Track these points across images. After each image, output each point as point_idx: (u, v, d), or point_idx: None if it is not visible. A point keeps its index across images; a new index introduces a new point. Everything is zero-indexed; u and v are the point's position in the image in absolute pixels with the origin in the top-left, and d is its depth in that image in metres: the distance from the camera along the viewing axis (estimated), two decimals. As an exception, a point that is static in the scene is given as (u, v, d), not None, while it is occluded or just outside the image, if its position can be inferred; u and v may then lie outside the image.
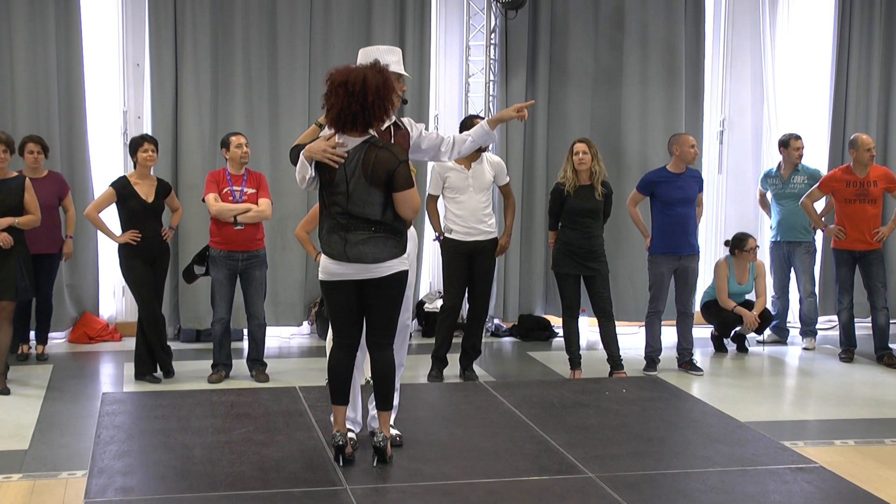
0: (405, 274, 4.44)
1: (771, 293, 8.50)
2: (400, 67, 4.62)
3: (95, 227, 7.11)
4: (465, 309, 7.37)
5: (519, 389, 5.97)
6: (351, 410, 4.65)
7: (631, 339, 8.26)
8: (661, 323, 7.47)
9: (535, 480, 4.36)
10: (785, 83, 9.18)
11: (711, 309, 8.21)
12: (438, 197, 7.05)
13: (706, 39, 9.07)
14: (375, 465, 4.43)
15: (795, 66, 9.22)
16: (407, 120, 4.74)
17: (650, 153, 8.74)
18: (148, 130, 7.99)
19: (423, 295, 8.84)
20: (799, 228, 8.29)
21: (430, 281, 9.01)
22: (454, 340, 7.15)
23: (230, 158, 6.87)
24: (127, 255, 6.88)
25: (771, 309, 8.39)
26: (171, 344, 7.37)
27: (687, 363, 7.48)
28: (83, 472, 4.76)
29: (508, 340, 8.76)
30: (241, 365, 7.12)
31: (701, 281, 7.92)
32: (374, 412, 4.64)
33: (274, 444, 4.72)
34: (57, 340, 8.16)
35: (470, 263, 6.95)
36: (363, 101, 4.20)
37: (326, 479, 4.29)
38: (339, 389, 4.47)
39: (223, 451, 4.61)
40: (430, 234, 7.71)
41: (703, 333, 8.18)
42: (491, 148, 7.63)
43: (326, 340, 5.88)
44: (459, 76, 8.96)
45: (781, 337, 8.60)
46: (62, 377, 7.12)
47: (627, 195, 7.65)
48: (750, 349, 8.30)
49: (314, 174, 4.33)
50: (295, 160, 4.40)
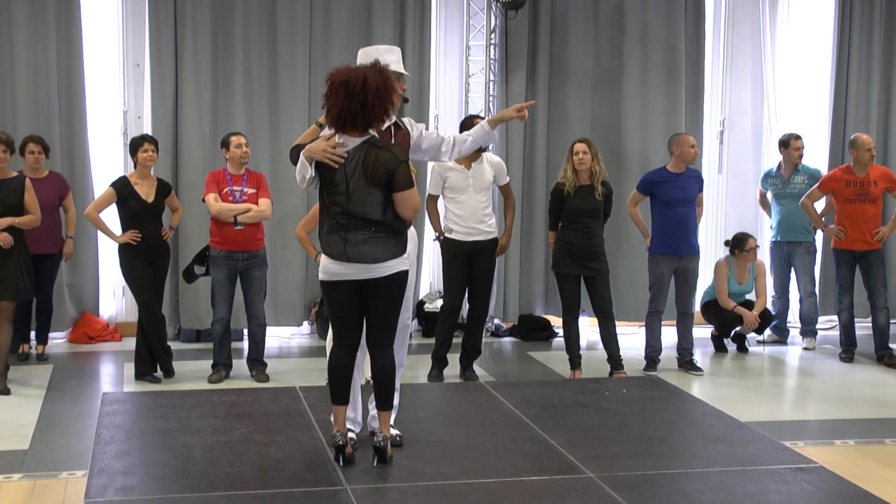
0: (405, 274, 4.44)
1: (771, 293, 8.50)
2: (400, 66, 4.62)
3: (95, 227, 7.11)
4: (465, 309, 7.37)
5: (519, 389, 5.96)
6: (351, 410, 4.65)
7: (631, 339, 8.25)
8: (661, 323, 7.47)
9: (535, 480, 4.36)
10: (785, 83, 9.18)
11: (711, 309, 8.21)
12: (438, 197, 7.05)
13: (706, 39, 9.07)
14: (375, 465, 4.43)
15: (795, 66, 9.21)
16: (407, 120, 4.74)
17: (650, 153, 8.74)
18: (148, 130, 8.00)
19: (423, 295, 8.83)
20: (799, 228, 8.29)
21: (430, 281, 9.01)
22: (454, 340, 7.15)
23: (230, 158, 6.87)
24: (127, 255, 6.88)
25: (771, 309, 8.39)
26: (171, 344, 7.37)
27: (687, 363, 7.48)
28: (83, 471, 4.76)
29: (508, 340, 8.75)
30: (241, 365, 7.12)
31: (701, 281, 7.92)
32: (374, 412, 4.64)
33: (274, 444, 4.72)
34: (57, 340, 8.16)
35: (470, 263, 6.95)
36: (363, 101, 4.20)
37: (326, 479, 4.29)
38: (339, 389, 4.47)
39: (223, 450, 4.61)
40: (430, 234, 7.71)
41: (703, 333, 8.18)
42: (491, 148, 7.62)
43: (326, 340, 5.88)
44: (459, 76, 8.96)
45: (781, 337, 8.60)
46: (62, 377, 7.12)
47: (627, 195, 7.65)
48: (750, 349, 8.30)
49: (314, 174, 4.33)
50: (295, 160, 4.40)
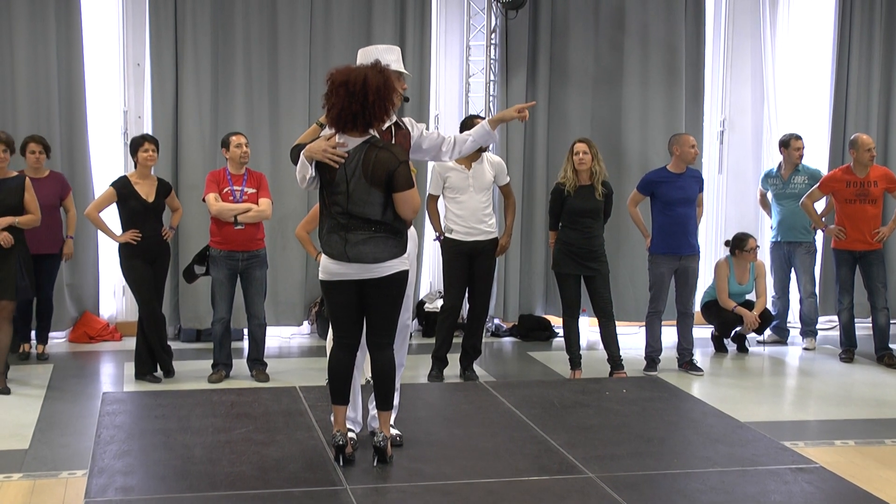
0: (405, 274, 4.44)
1: (771, 293, 8.50)
2: (400, 66, 4.62)
3: (96, 226, 7.11)
4: (465, 309, 7.37)
5: (519, 389, 5.96)
6: (351, 410, 4.64)
7: (631, 339, 8.25)
8: (661, 323, 7.47)
9: (535, 480, 4.36)
10: (785, 83, 9.17)
11: (712, 309, 8.21)
12: (439, 197, 7.05)
13: (706, 39, 9.07)
14: (375, 464, 4.43)
15: (796, 66, 9.21)
16: (408, 120, 4.74)
17: (650, 153, 8.74)
18: (148, 130, 8.00)
19: (423, 295, 8.83)
20: (799, 228, 8.29)
21: (430, 281, 9.00)
22: (454, 340, 7.15)
23: (230, 158, 6.87)
24: (127, 254, 6.88)
25: (771, 309, 8.39)
26: (171, 343, 7.37)
27: (687, 363, 7.48)
28: (83, 471, 4.76)
29: (509, 340, 8.75)
30: (241, 365, 7.12)
31: (701, 281, 7.91)
32: (374, 412, 4.64)
33: (274, 443, 4.72)
34: (57, 340, 8.16)
35: (470, 263, 6.94)
36: (364, 101, 4.19)
37: (326, 478, 4.29)
38: (339, 389, 4.47)
39: (223, 450, 4.61)
40: (430, 234, 7.71)
41: (703, 333, 8.17)
42: (491, 148, 7.62)
43: (327, 340, 5.88)
44: (460, 76, 8.96)
45: (782, 337, 8.60)
46: (62, 377, 7.12)
47: (628, 195, 7.65)
48: (750, 349, 8.30)
49: (314, 174, 4.33)
50: (295, 160, 4.40)
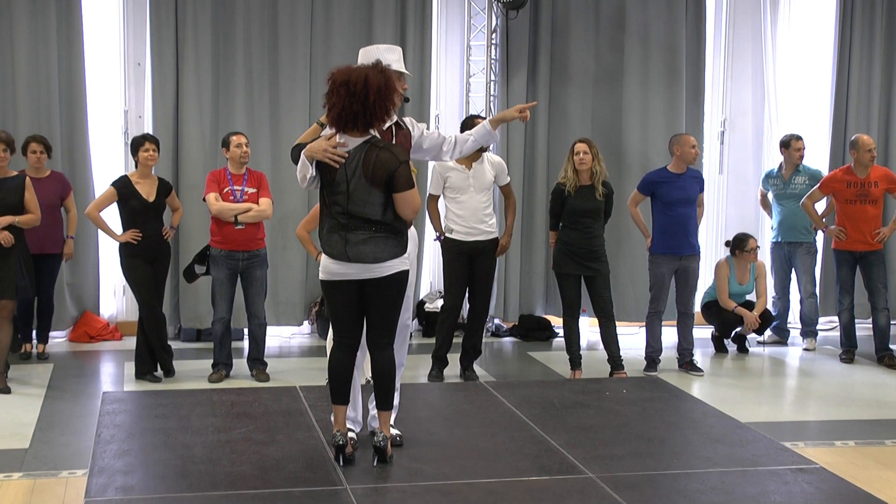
0: (406, 274, 4.44)
1: (771, 294, 8.50)
2: (401, 66, 4.62)
3: (96, 226, 7.12)
4: (465, 309, 7.37)
5: (519, 389, 5.96)
6: (351, 410, 4.64)
7: (631, 339, 8.26)
8: (661, 323, 7.47)
9: (535, 480, 4.36)
10: (786, 83, 9.17)
11: (712, 309, 8.21)
12: (439, 197, 7.05)
13: (707, 39, 9.07)
14: (375, 464, 4.43)
15: (796, 66, 9.21)
16: (408, 120, 4.74)
17: (651, 153, 8.74)
18: (149, 130, 8.00)
19: (423, 295, 8.83)
20: (800, 229, 8.29)
21: (430, 281, 9.01)
22: (454, 340, 7.15)
23: (230, 158, 6.87)
24: (128, 254, 6.88)
25: (771, 309, 8.39)
26: (171, 343, 7.36)
27: (687, 363, 7.48)
28: (83, 471, 4.76)
29: (509, 340, 8.75)
30: (241, 364, 7.12)
31: (701, 281, 7.91)
32: (374, 412, 4.63)
33: (274, 443, 4.72)
34: (57, 339, 8.16)
35: (470, 263, 6.94)
36: (364, 100, 4.19)
37: (326, 478, 4.29)
38: (339, 389, 4.47)
39: (223, 450, 4.61)
40: (430, 234, 7.71)
41: (703, 334, 8.17)
42: (492, 148, 7.62)
43: (327, 340, 5.88)
44: (460, 76, 8.96)
45: (782, 337, 8.59)
46: (63, 376, 7.12)
47: (628, 195, 7.64)
48: (750, 350, 8.30)
49: (315, 174, 4.33)
50: (296, 159, 4.40)
